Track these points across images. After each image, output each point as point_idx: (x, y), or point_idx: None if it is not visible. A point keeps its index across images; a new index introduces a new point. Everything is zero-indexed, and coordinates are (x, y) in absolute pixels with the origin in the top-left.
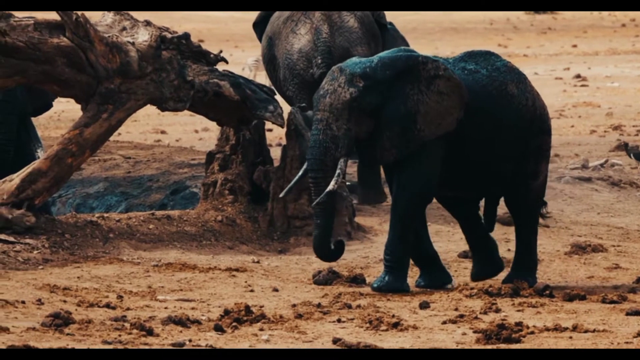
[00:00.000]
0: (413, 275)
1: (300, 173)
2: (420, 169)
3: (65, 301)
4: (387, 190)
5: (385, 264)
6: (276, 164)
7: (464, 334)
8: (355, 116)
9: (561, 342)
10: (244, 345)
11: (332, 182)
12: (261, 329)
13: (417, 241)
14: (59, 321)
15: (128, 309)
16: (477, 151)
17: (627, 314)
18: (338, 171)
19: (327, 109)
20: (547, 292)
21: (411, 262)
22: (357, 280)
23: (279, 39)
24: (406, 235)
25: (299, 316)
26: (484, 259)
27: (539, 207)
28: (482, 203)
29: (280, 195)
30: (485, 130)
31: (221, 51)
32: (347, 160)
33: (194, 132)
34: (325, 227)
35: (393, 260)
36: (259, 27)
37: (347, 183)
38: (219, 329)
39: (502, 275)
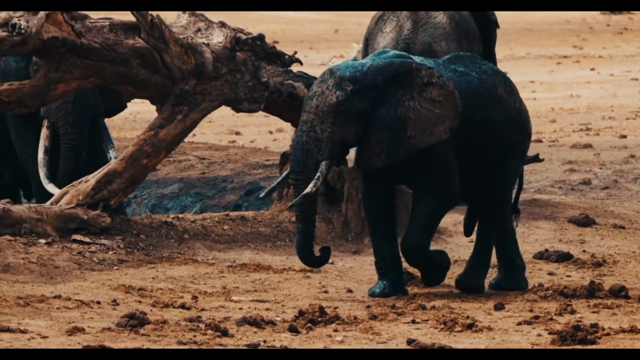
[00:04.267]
0: (491, 275)
1: (284, 174)
2: (442, 168)
3: (140, 302)
4: None
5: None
6: (350, 164)
7: (539, 335)
8: (341, 120)
9: (637, 344)
10: (319, 346)
11: (310, 185)
12: (335, 330)
13: (384, 247)
14: (134, 322)
15: (203, 309)
16: (466, 154)
17: None
18: (318, 174)
19: (312, 111)
20: (623, 293)
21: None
22: None
23: (371, 40)
24: (429, 234)
25: (374, 317)
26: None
27: (508, 210)
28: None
29: (261, 195)
30: (476, 132)
31: (296, 52)
32: (330, 164)
33: (268, 133)
34: (305, 231)
35: (419, 260)
36: None
37: None
38: (293, 329)
39: (576, 275)
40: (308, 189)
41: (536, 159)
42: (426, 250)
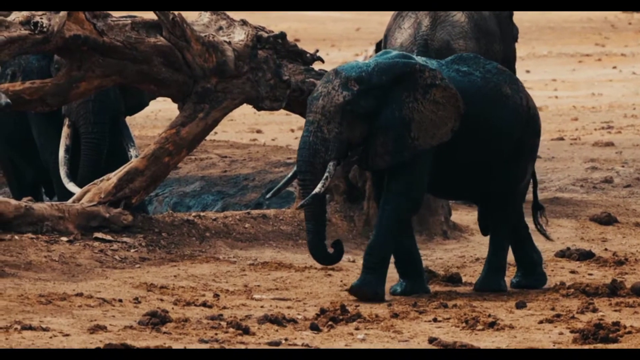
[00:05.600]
0: (509, 275)
1: (289, 175)
2: (415, 174)
3: (162, 300)
4: None
5: (365, 265)
6: None
7: (561, 333)
8: (348, 120)
9: None
10: (340, 344)
11: (319, 185)
12: (357, 328)
13: (401, 246)
14: (156, 320)
15: (224, 307)
16: (472, 154)
17: None
18: (326, 174)
19: (319, 111)
20: None
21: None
22: (453, 279)
23: (389, 36)
24: (393, 238)
25: (395, 315)
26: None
27: (519, 209)
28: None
29: (267, 196)
30: (481, 132)
31: (317, 50)
32: (337, 164)
33: (289, 131)
34: (316, 231)
35: (374, 262)
36: None
37: None
38: (315, 328)
39: (597, 273)
40: (317, 189)
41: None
42: (386, 257)
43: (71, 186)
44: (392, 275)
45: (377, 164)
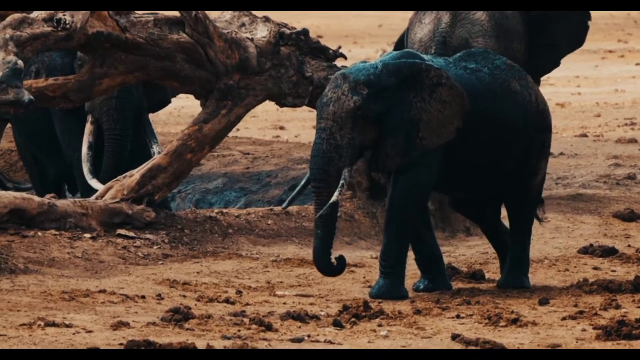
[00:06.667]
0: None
1: (302, 182)
2: (420, 173)
3: (184, 296)
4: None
5: (381, 270)
6: None
7: (584, 330)
8: (360, 125)
9: None
10: (363, 340)
11: (336, 193)
12: (380, 325)
13: (421, 243)
14: (179, 316)
15: (247, 304)
16: (482, 151)
17: None
18: (342, 182)
19: (330, 117)
20: None
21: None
22: (476, 276)
23: (410, 30)
24: (404, 239)
25: (418, 312)
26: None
27: (537, 206)
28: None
29: (282, 206)
30: (490, 129)
31: (340, 47)
32: (351, 170)
33: (312, 128)
34: (325, 238)
35: (389, 266)
36: None
37: None
38: (337, 324)
39: (621, 269)
40: (334, 198)
41: None
42: (400, 258)
43: (94, 183)
44: (415, 271)
45: (387, 166)
